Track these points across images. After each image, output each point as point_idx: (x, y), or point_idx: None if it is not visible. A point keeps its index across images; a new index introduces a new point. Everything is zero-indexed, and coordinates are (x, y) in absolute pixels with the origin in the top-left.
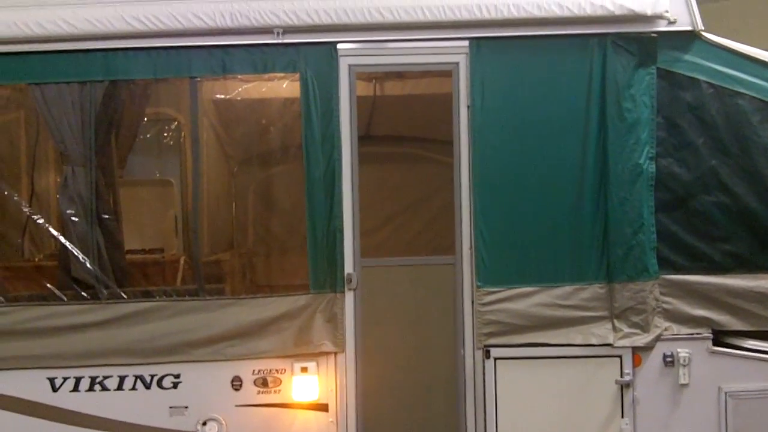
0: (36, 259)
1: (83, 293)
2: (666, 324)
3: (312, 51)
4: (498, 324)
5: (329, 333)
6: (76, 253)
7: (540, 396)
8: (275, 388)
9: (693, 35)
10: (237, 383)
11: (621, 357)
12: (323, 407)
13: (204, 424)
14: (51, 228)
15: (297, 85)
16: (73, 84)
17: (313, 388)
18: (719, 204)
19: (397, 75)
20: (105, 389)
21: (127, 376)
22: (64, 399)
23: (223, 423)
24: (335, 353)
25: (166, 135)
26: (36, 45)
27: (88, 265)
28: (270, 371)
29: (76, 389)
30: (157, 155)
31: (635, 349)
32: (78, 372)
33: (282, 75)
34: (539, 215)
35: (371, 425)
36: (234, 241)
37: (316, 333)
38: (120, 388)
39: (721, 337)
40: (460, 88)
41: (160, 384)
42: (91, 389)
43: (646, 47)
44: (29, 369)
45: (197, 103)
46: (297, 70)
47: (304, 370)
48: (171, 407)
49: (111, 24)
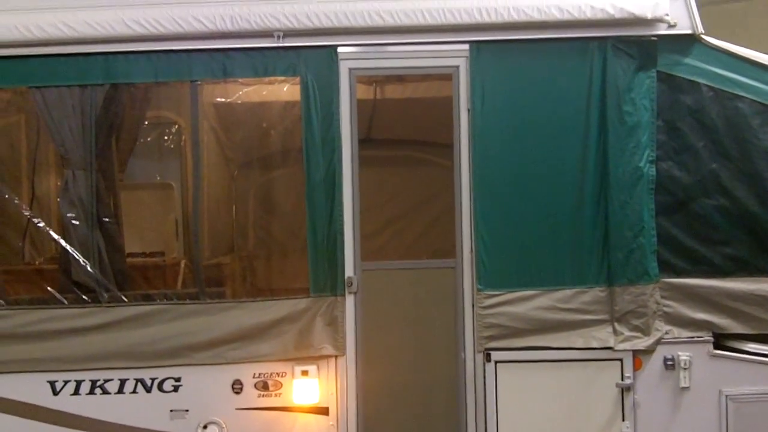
0: (37, 263)
1: (84, 296)
2: (667, 327)
3: (312, 54)
4: (499, 327)
5: (330, 336)
6: (76, 257)
7: (541, 399)
8: (276, 391)
9: (693, 38)
10: (238, 386)
11: (622, 360)
12: (324, 411)
13: (205, 427)
14: (52, 231)
15: (297, 89)
16: (74, 87)
17: (314, 391)
18: (719, 207)
19: (398, 78)
20: (106, 392)
21: (128, 379)
22: (64, 402)
23: (224, 426)
24: (336, 356)
25: (166, 138)
26: (37, 48)
27: (88, 269)
28: (271, 374)
29: (76, 392)
30: (158, 158)
31: (636, 353)
32: (79, 375)
33: (282, 78)
34: (540, 218)
35: (372, 429)
36: (234, 245)
37: (316, 336)
38: (121, 391)
39: (722, 341)
40: (460, 91)
41: (160, 387)
42: (92, 392)
43: (646, 50)
44: (30, 372)
45: (198, 107)
46: (297, 73)
47: (304, 373)
48: (172, 410)
49: (112, 27)
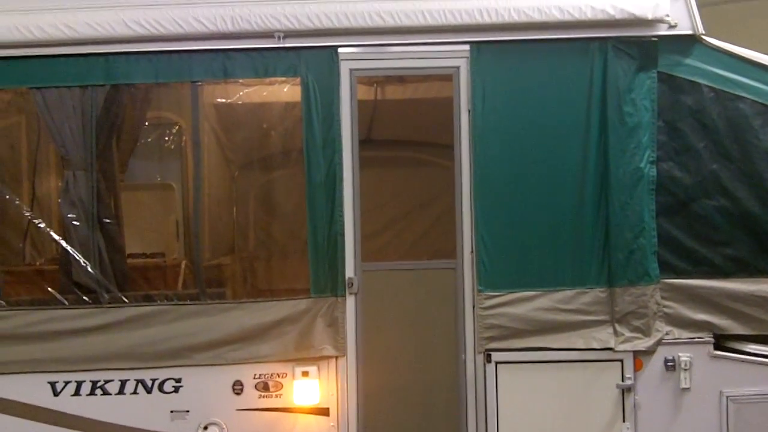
0: (37, 264)
1: (84, 297)
2: (667, 328)
3: (313, 55)
4: (499, 328)
5: (330, 337)
6: (77, 258)
7: (541, 400)
8: (276, 392)
9: (694, 39)
10: (238, 387)
11: (622, 361)
12: (324, 411)
13: (205, 428)
14: (52, 232)
15: (298, 90)
16: (75, 88)
17: (314, 392)
18: (720, 208)
19: (398, 79)
20: (106, 393)
21: (129, 380)
22: (65, 403)
23: (225, 427)
24: (336, 357)
25: (167, 139)
26: (37, 49)
27: (89, 270)
28: (271, 375)
29: (77, 393)
30: (159, 159)
31: (636, 354)
32: (79, 376)
33: (283, 79)
34: (540, 219)
35: (372, 429)
36: (235, 245)
37: (317, 337)
38: (121, 392)
39: (723, 342)
40: (460, 92)
41: (161, 388)
42: (93, 393)
43: (646, 51)
44: (31, 373)
45: (198, 107)
46: (298, 74)
47: (305, 374)
48: (172, 411)
49: (112, 28)
